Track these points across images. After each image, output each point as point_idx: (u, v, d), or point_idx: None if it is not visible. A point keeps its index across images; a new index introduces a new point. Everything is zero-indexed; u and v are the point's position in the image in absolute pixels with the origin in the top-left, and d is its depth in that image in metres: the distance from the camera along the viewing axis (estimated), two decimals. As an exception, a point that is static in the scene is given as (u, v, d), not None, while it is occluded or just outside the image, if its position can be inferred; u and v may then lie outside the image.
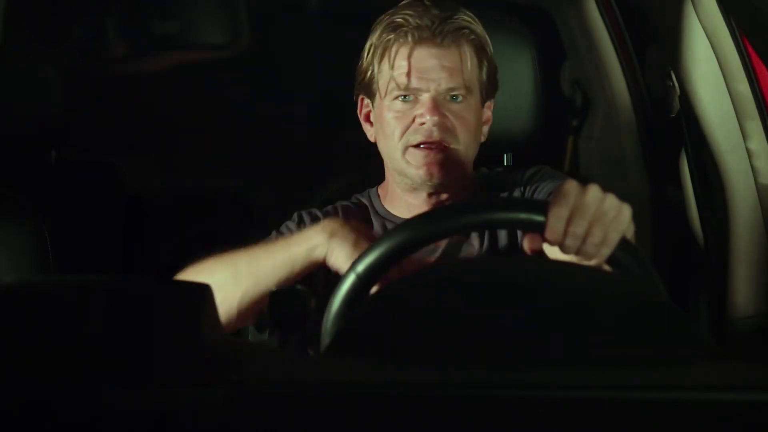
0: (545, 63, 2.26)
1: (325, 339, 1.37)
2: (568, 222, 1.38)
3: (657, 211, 2.33)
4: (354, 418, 0.90)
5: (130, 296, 0.96)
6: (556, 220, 1.38)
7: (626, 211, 1.42)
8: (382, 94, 1.82)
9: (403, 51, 1.80)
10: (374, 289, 1.41)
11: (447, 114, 1.78)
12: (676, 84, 2.06)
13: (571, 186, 1.40)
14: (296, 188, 2.22)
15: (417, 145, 1.79)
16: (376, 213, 1.90)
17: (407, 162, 1.80)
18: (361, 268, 1.38)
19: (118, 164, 2.52)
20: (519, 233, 1.79)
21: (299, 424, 0.90)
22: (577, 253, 1.40)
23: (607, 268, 1.43)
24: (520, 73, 2.25)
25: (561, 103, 2.47)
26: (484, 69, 1.83)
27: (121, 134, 2.72)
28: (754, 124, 1.96)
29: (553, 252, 1.45)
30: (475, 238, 1.83)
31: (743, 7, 1.75)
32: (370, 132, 1.90)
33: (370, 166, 2.31)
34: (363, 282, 1.38)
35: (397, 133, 1.80)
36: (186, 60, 2.69)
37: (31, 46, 2.47)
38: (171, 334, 0.92)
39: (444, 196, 1.85)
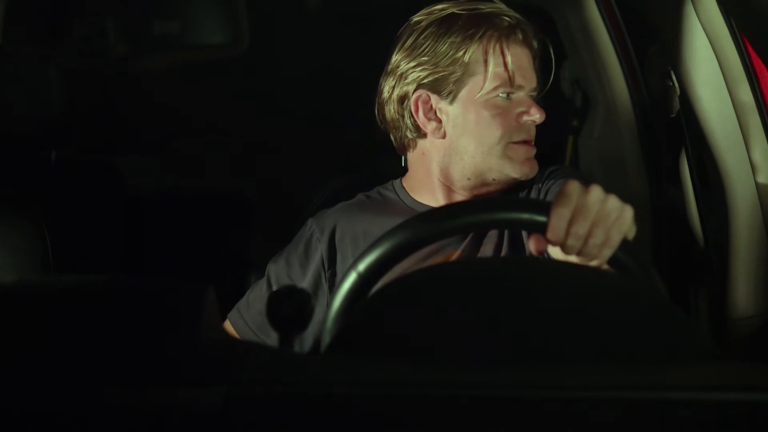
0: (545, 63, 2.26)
1: (326, 338, 1.37)
2: (570, 222, 1.38)
3: (657, 211, 2.33)
4: (354, 418, 0.90)
5: (130, 296, 0.96)
6: (558, 221, 1.38)
7: (628, 213, 1.42)
8: (479, 89, 1.83)
9: (511, 48, 1.83)
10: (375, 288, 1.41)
11: None
12: (676, 84, 2.06)
13: (574, 186, 1.40)
14: (296, 188, 2.22)
15: (519, 142, 1.83)
16: (405, 205, 1.91)
17: (508, 158, 1.83)
18: (362, 266, 1.38)
19: (118, 164, 2.52)
20: None
21: (299, 424, 0.90)
22: (579, 253, 1.40)
23: (607, 268, 1.43)
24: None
25: (561, 103, 2.47)
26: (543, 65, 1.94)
27: (121, 134, 2.72)
28: (754, 124, 1.96)
29: (554, 252, 1.45)
30: (493, 239, 1.84)
31: (743, 7, 1.75)
32: (432, 128, 1.87)
33: (370, 166, 2.31)
34: (364, 280, 1.38)
35: (500, 130, 1.82)
36: (186, 60, 2.69)
37: (31, 46, 2.47)
38: (171, 334, 0.92)
39: (486, 193, 1.89)
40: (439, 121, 1.86)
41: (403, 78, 1.87)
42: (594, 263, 1.41)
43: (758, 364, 1.15)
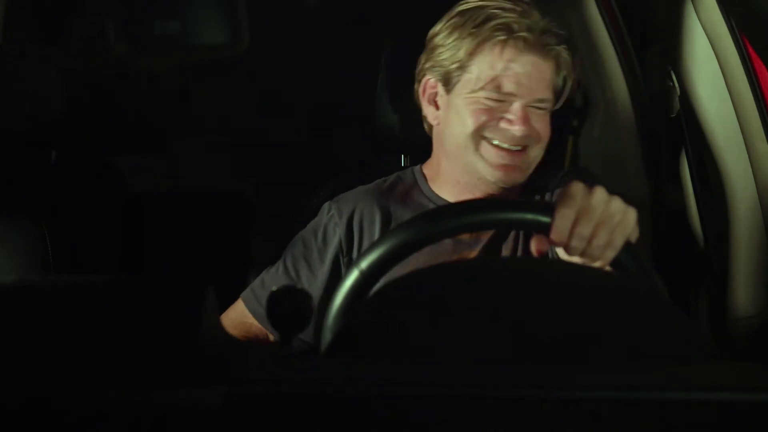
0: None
1: (327, 336, 1.37)
2: (574, 223, 1.38)
3: (657, 211, 2.33)
4: (354, 418, 0.90)
5: (130, 296, 0.96)
6: (561, 222, 1.38)
7: (632, 215, 1.42)
8: (469, 87, 1.82)
9: (508, 53, 1.79)
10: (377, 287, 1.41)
11: (532, 122, 1.81)
12: (676, 84, 2.06)
13: (578, 188, 1.40)
14: (296, 188, 2.22)
15: (496, 145, 1.81)
16: (421, 193, 1.91)
17: (480, 156, 1.82)
18: (364, 264, 1.38)
19: (118, 164, 2.52)
20: None
21: (299, 424, 0.90)
22: (582, 254, 1.40)
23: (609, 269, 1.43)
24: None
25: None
26: (567, 77, 1.86)
27: (121, 134, 2.72)
28: (754, 124, 1.96)
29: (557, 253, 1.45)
30: (511, 239, 1.84)
31: (743, 7, 1.75)
32: (432, 115, 1.89)
33: (370, 165, 2.30)
34: (366, 279, 1.38)
35: (476, 125, 1.81)
36: (186, 60, 2.68)
37: (31, 46, 2.47)
38: (171, 334, 0.92)
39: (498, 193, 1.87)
40: (438, 108, 1.87)
41: (421, 61, 1.89)
42: (597, 264, 1.41)
43: (758, 364, 1.15)
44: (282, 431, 0.90)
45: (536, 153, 1.84)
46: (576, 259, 1.42)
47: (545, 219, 1.39)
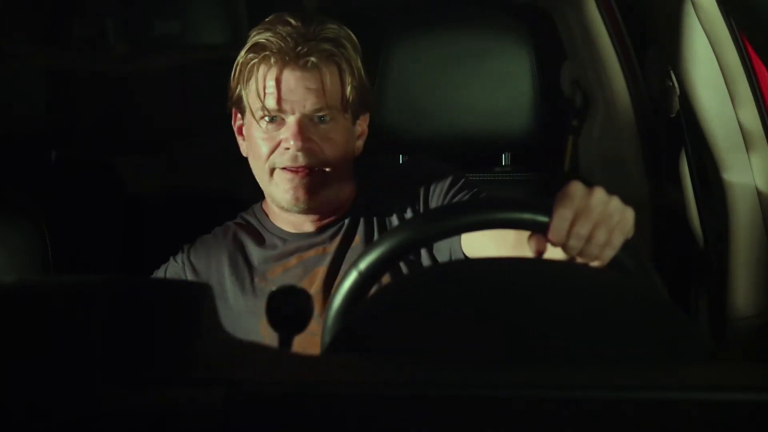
0: (545, 63, 2.26)
1: (326, 337, 1.37)
2: (573, 223, 1.38)
3: (657, 211, 2.33)
4: (354, 418, 0.90)
5: (130, 296, 0.96)
6: (560, 221, 1.38)
7: (630, 215, 1.43)
8: (251, 113, 1.81)
9: (267, 74, 1.78)
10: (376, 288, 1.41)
11: (313, 137, 1.78)
12: (676, 84, 2.06)
13: (577, 188, 1.40)
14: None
15: (283, 168, 1.79)
16: (266, 229, 1.91)
17: (275, 184, 1.81)
18: (363, 265, 1.38)
19: (118, 164, 2.52)
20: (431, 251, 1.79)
21: (299, 424, 0.90)
22: (580, 254, 1.40)
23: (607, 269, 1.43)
24: (519, 73, 2.25)
25: (561, 103, 2.47)
26: (351, 86, 1.80)
27: (121, 134, 2.72)
28: (754, 124, 1.96)
29: (555, 253, 1.45)
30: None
31: (743, 7, 1.75)
32: (242, 146, 1.89)
33: (370, 166, 2.30)
34: (365, 279, 1.38)
35: (264, 154, 1.80)
36: (186, 60, 2.69)
37: (31, 46, 2.47)
38: (171, 334, 0.92)
39: (317, 214, 1.86)
40: (244, 138, 1.88)
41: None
42: (595, 264, 1.41)
43: (758, 364, 1.15)
44: (282, 431, 0.90)
45: (333, 165, 1.81)
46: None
47: (543, 218, 1.39)
